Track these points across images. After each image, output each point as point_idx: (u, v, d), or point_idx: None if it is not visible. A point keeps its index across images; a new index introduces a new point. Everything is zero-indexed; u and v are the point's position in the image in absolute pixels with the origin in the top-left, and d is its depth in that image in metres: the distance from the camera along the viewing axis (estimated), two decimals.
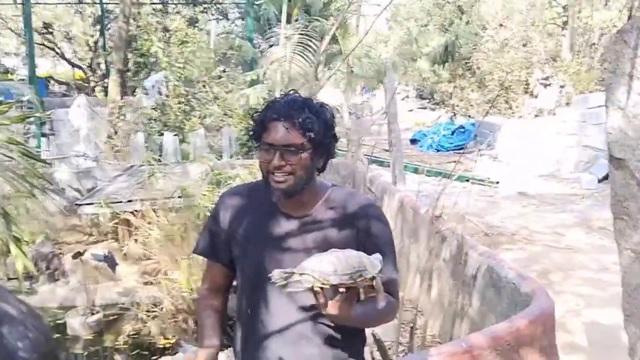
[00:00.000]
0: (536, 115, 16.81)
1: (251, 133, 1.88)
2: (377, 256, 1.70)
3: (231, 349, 2.10)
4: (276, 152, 1.79)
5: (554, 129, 13.67)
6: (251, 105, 9.96)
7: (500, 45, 18.82)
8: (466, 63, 21.02)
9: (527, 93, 17.88)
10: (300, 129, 1.78)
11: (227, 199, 2.02)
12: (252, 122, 1.89)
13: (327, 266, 1.60)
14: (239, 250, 1.95)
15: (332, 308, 1.63)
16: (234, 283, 2.06)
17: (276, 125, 1.79)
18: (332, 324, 1.86)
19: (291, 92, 1.92)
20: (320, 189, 1.94)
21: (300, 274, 1.61)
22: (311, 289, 1.62)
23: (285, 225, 1.90)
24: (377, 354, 3.56)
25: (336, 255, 1.63)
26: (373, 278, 1.65)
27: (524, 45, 18.60)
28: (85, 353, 6.68)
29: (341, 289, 1.61)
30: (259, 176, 1.95)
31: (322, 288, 1.61)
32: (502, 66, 18.32)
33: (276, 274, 1.63)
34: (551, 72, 17.09)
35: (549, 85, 16.93)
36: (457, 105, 20.77)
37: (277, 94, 7.92)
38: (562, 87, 16.63)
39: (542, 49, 17.82)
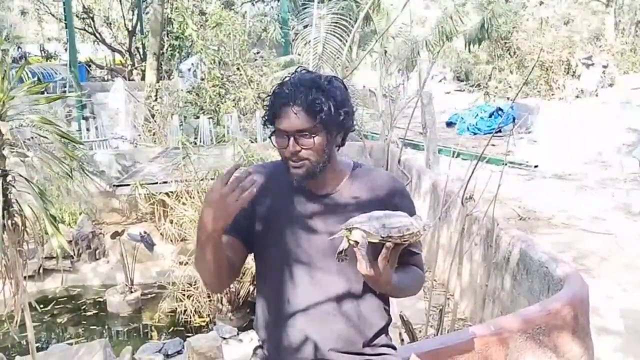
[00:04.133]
0: (577, 97, 16.40)
1: (265, 118, 1.86)
2: (417, 216, 1.72)
3: (253, 331, 2.06)
4: (290, 138, 1.77)
5: (595, 110, 13.34)
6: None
7: (541, 23, 18.36)
8: (505, 43, 20.56)
9: (568, 74, 17.44)
10: (309, 112, 1.75)
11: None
12: (265, 107, 1.86)
13: (375, 220, 1.61)
14: (262, 229, 1.91)
15: (375, 267, 1.63)
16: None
17: (286, 111, 1.76)
18: (357, 302, 1.86)
19: (299, 69, 1.88)
20: (343, 167, 1.93)
21: (349, 229, 1.63)
22: (356, 244, 1.61)
23: (308, 204, 1.88)
24: (405, 336, 3.56)
25: (383, 212, 1.66)
26: (419, 233, 1.66)
27: (566, 23, 18.13)
28: (125, 330, 6.89)
29: (388, 244, 1.61)
30: None
31: (369, 243, 1.61)
32: (542, 46, 17.89)
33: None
34: (594, 52, 16.63)
35: (592, 65, 16.47)
36: (496, 87, 20.36)
37: None
38: (605, 67, 16.17)
39: (585, 28, 17.34)
